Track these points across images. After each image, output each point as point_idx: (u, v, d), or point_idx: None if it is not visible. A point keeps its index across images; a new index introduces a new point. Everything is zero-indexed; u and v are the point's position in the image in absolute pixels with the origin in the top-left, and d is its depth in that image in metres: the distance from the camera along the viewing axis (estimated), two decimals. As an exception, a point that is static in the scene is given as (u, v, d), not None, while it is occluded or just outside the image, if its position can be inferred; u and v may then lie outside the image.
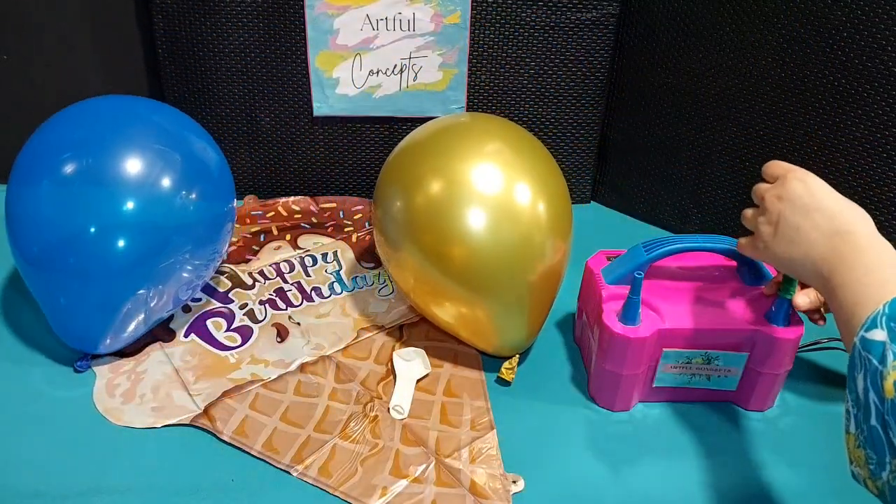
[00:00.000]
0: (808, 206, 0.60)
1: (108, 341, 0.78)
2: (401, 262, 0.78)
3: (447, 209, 0.73)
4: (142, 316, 0.77)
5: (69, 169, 0.71)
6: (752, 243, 0.66)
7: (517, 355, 0.81)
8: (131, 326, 0.77)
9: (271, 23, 1.00)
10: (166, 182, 0.74)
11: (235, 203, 0.86)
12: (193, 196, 0.76)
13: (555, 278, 0.79)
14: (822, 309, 0.71)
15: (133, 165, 0.72)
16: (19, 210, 0.72)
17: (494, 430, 0.74)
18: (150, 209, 0.73)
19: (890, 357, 0.46)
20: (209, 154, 0.81)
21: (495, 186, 0.73)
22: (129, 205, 0.71)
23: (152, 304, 0.77)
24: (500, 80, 1.07)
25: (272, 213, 1.09)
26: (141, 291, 0.74)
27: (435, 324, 0.84)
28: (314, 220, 1.08)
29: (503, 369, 0.79)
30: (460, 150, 0.76)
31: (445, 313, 0.79)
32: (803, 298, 0.70)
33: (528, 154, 0.78)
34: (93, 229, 0.70)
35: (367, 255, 1.01)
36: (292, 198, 1.12)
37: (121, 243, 0.71)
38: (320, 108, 1.06)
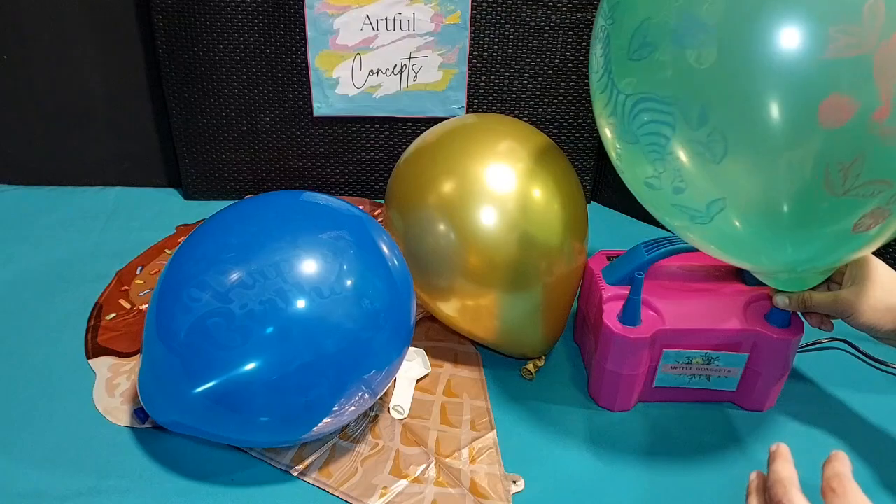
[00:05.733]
0: None
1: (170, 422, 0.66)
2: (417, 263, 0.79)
3: (461, 209, 0.74)
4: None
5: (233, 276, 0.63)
6: None
7: (544, 356, 0.82)
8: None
9: (271, 23, 1.00)
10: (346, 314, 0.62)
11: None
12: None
13: (574, 277, 0.80)
14: (827, 316, 0.71)
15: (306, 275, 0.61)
16: (178, 307, 0.64)
17: (494, 430, 0.74)
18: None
19: None
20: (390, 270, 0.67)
21: (510, 186, 0.74)
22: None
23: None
24: (500, 80, 1.07)
25: (272, 213, 1.08)
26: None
27: (452, 328, 0.83)
28: (314, 220, 1.08)
29: (530, 365, 0.81)
30: (473, 150, 0.76)
31: (461, 314, 0.79)
32: (782, 299, 0.70)
33: (544, 155, 0.78)
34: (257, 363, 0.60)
35: (367, 255, 1.00)
36: (292, 198, 1.12)
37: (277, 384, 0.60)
38: (320, 108, 1.06)
